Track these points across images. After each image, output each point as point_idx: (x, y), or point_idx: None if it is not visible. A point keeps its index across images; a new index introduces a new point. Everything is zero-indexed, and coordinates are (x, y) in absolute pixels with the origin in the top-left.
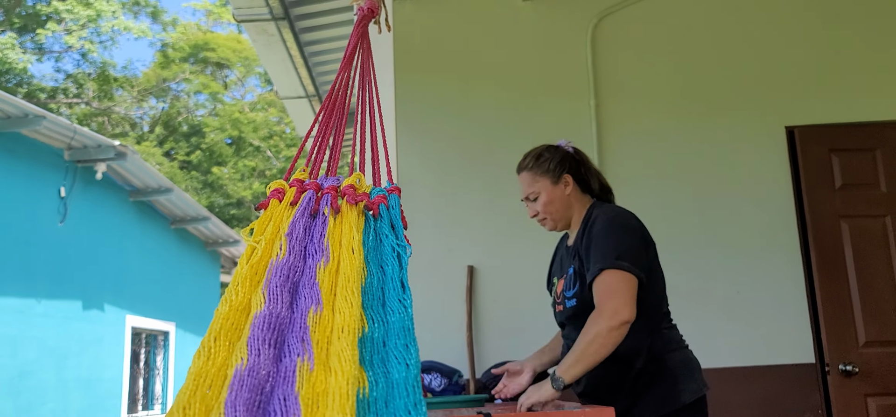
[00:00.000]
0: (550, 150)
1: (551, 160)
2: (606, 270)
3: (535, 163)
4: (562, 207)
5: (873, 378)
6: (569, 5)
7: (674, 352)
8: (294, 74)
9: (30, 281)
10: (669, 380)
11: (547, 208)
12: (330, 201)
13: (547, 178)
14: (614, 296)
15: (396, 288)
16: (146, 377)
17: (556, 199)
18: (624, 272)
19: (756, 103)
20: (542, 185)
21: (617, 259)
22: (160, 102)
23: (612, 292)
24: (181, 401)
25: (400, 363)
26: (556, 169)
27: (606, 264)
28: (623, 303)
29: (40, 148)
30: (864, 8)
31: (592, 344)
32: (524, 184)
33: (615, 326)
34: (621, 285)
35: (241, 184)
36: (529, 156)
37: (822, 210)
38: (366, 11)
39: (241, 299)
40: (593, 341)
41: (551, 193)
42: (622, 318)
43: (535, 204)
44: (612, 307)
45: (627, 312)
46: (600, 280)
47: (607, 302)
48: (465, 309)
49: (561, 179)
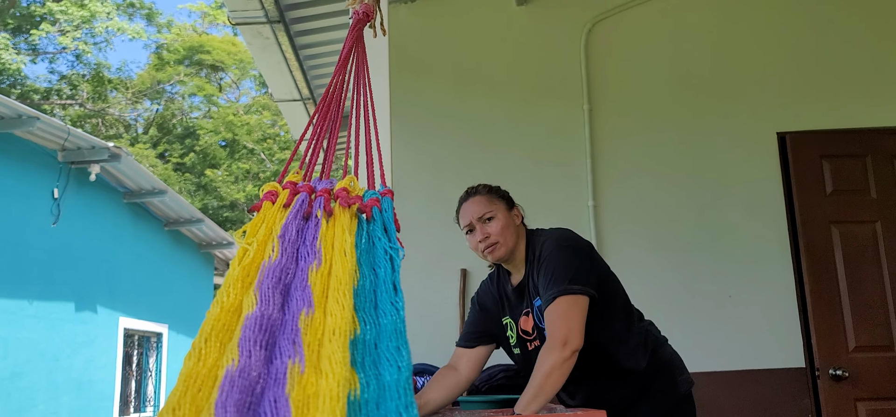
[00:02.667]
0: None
1: (500, 190)
2: (560, 297)
3: (487, 189)
4: (513, 235)
5: (863, 383)
6: (563, 10)
7: (664, 346)
8: (289, 77)
9: (22, 282)
10: (668, 373)
11: (502, 232)
12: (323, 204)
13: (502, 203)
14: (566, 324)
15: (389, 290)
16: (138, 379)
17: (509, 225)
18: (577, 295)
19: (748, 109)
20: (497, 208)
21: (570, 282)
22: (154, 104)
23: (565, 319)
24: (172, 403)
25: (391, 365)
26: (508, 198)
27: (560, 290)
28: (574, 330)
29: (34, 149)
30: (855, 15)
31: (549, 378)
32: (478, 205)
33: (567, 356)
34: (574, 310)
35: (234, 187)
36: (479, 186)
37: (813, 215)
38: (361, 15)
39: (232, 301)
40: (550, 375)
41: (506, 218)
42: (572, 347)
43: (487, 225)
44: (563, 335)
45: (577, 339)
46: (554, 307)
47: (559, 331)
48: (457, 312)
49: (513, 208)
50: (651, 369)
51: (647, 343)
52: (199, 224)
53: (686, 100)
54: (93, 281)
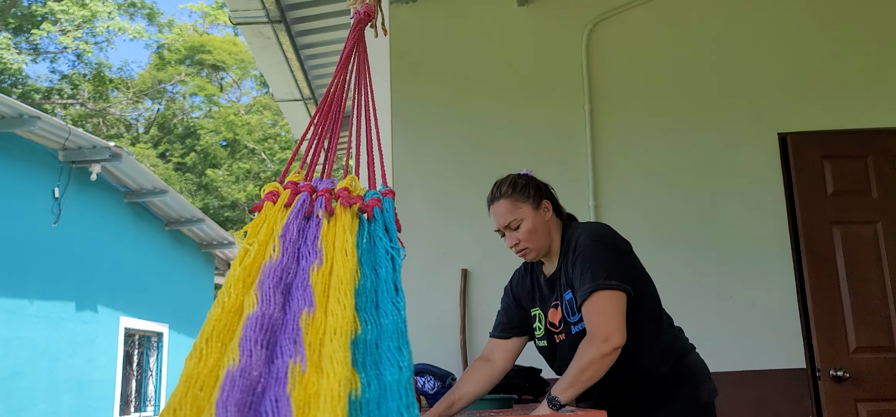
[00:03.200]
0: (523, 178)
1: (529, 186)
2: (597, 292)
3: (512, 190)
4: (544, 234)
5: (864, 384)
6: (564, 10)
7: (690, 353)
8: (290, 77)
9: (23, 281)
10: (692, 381)
11: (531, 236)
12: (324, 203)
13: (528, 204)
14: (606, 320)
15: (390, 290)
16: (139, 378)
17: (538, 226)
18: (614, 291)
19: (749, 109)
20: (524, 212)
21: (607, 278)
22: (155, 104)
23: (605, 315)
24: (173, 403)
25: (393, 365)
26: (536, 195)
27: (597, 285)
28: (615, 327)
29: (35, 148)
30: (857, 16)
31: (586, 371)
32: (503, 212)
33: (607, 352)
34: (612, 306)
35: (235, 187)
36: (504, 183)
37: (815, 216)
38: (362, 15)
39: (233, 301)
40: (588, 368)
41: (534, 219)
42: (614, 344)
43: (516, 232)
44: (604, 332)
45: (618, 336)
46: (592, 302)
47: (600, 328)
48: (458, 312)
49: (541, 205)
50: (674, 375)
51: (673, 349)
52: (199, 224)
53: (687, 100)
54: (93, 280)
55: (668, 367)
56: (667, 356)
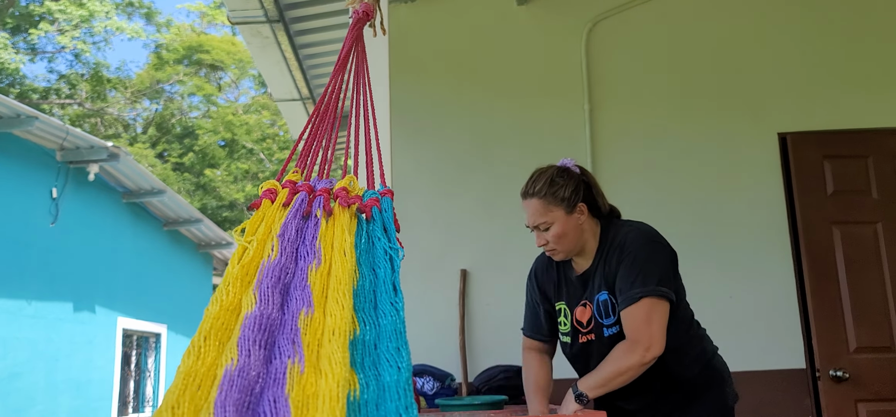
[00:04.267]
0: (563, 175)
1: (566, 187)
2: (646, 298)
3: (548, 189)
4: (574, 237)
5: (864, 384)
6: (564, 9)
7: (716, 356)
8: (288, 77)
9: (20, 282)
10: (719, 384)
11: (560, 240)
12: (322, 203)
13: (561, 208)
14: (651, 328)
15: (388, 290)
16: (137, 379)
17: (570, 230)
18: (662, 299)
19: (749, 109)
20: (555, 216)
21: (658, 284)
22: (154, 104)
23: (651, 323)
24: (170, 400)
25: (391, 366)
26: (572, 197)
27: (647, 291)
28: (658, 336)
29: (32, 148)
30: (856, 16)
31: (623, 376)
32: (534, 211)
33: (647, 361)
34: (658, 315)
35: (233, 187)
36: (541, 180)
37: (815, 216)
38: (361, 14)
39: (231, 299)
40: (625, 372)
41: (565, 224)
42: (654, 353)
43: (545, 233)
44: (647, 340)
45: (659, 346)
46: (639, 307)
47: (643, 335)
48: (458, 312)
49: (576, 209)
50: (702, 378)
51: (702, 352)
52: (198, 224)
53: (687, 100)
54: (91, 280)
55: (698, 369)
56: (696, 360)
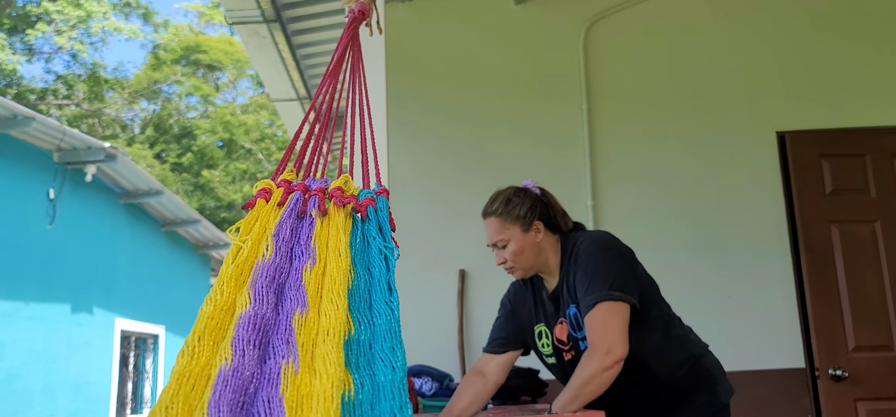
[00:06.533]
0: (520, 194)
1: (521, 205)
2: (600, 303)
3: (504, 208)
4: (532, 255)
5: (863, 383)
6: (561, 9)
7: (705, 355)
8: (285, 77)
9: (18, 283)
10: (709, 383)
11: (516, 257)
12: (317, 203)
13: (517, 226)
14: (608, 332)
15: (383, 290)
16: (135, 380)
17: (526, 248)
18: (617, 302)
19: (747, 108)
20: (511, 233)
21: (610, 288)
22: (151, 104)
23: (607, 327)
24: (164, 400)
25: (386, 365)
26: (528, 215)
27: (600, 296)
28: (617, 339)
29: (29, 149)
30: (854, 14)
31: (588, 385)
32: (491, 230)
33: (609, 365)
34: (615, 317)
35: (231, 187)
36: (498, 200)
37: (813, 215)
38: (357, 14)
39: (225, 299)
40: (589, 382)
41: (521, 241)
42: (615, 357)
43: (503, 251)
44: (605, 345)
45: (620, 349)
46: (594, 314)
47: (600, 340)
48: (456, 313)
49: (532, 226)
50: (690, 380)
51: (686, 353)
52: (195, 224)
53: (685, 99)
54: (89, 282)
55: (684, 372)
56: (681, 361)
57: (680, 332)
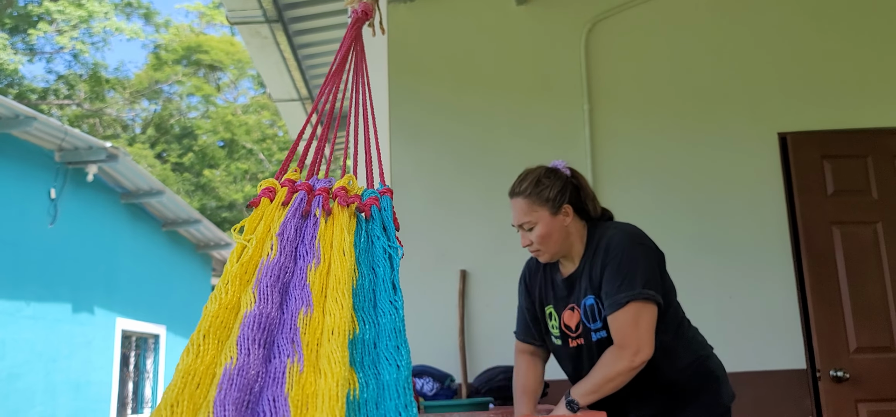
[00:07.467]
0: (550, 176)
1: (551, 187)
2: (633, 302)
3: (533, 189)
4: (559, 239)
5: (864, 385)
6: (563, 10)
7: (711, 357)
8: (287, 77)
9: (19, 283)
10: (714, 384)
11: (543, 241)
12: (321, 202)
13: (545, 208)
14: (638, 332)
15: (387, 289)
16: (136, 380)
17: (554, 231)
18: (649, 302)
19: (749, 109)
20: (539, 216)
21: (643, 287)
22: (152, 104)
23: (638, 327)
24: (169, 399)
25: (391, 364)
26: (557, 198)
27: (633, 295)
28: (646, 340)
29: (31, 149)
30: (856, 15)
31: (613, 381)
32: (518, 210)
33: (637, 366)
34: (646, 318)
35: (233, 187)
36: (527, 180)
37: (814, 216)
38: (360, 14)
39: (230, 297)
40: (615, 378)
41: (549, 225)
42: (643, 357)
43: (529, 233)
44: (635, 345)
45: (648, 350)
46: (626, 311)
47: (631, 340)
48: (457, 313)
49: (561, 210)
50: (696, 380)
51: (694, 354)
52: (197, 224)
53: (686, 100)
54: (90, 282)
55: (692, 372)
56: (689, 362)
57: (689, 333)
